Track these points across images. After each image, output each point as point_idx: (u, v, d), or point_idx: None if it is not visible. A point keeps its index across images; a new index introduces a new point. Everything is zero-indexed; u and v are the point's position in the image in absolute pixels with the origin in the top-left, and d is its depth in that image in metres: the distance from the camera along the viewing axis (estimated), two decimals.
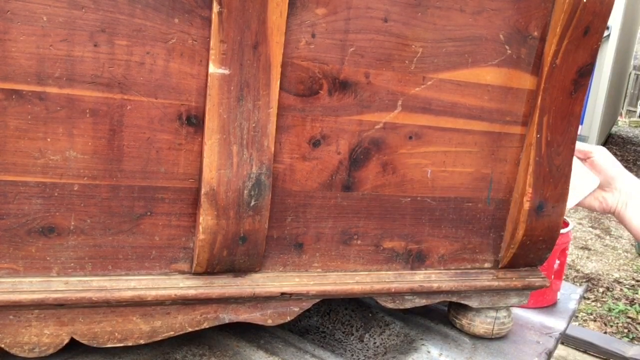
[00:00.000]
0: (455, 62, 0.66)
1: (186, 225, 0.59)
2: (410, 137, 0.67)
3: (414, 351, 0.75)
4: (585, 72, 0.71)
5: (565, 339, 2.11)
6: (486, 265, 0.77)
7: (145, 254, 0.59)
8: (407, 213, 0.69)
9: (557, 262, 1.00)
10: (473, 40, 0.66)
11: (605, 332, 2.39)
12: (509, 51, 0.68)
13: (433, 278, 0.72)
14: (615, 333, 2.41)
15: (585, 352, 2.11)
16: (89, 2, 0.50)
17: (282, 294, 0.64)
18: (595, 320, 2.51)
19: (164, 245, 0.59)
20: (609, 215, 0.95)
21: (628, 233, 3.56)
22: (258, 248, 0.61)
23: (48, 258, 0.55)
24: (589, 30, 0.68)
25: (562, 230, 0.96)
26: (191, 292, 0.60)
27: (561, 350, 2.10)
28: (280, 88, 0.58)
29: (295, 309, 0.66)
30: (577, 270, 3.06)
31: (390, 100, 0.64)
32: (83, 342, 0.58)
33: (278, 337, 0.73)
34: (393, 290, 0.69)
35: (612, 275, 3.04)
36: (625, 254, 3.40)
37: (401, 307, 0.72)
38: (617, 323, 2.49)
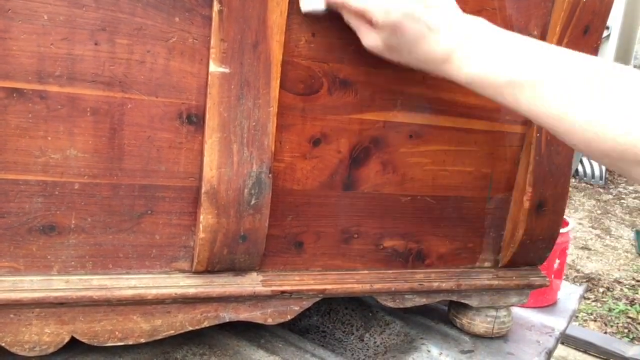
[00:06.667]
0: None
1: (186, 224, 0.59)
2: (411, 136, 0.67)
3: (414, 350, 0.75)
4: None
5: (565, 339, 2.11)
6: (486, 264, 0.77)
7: (146, 253, 0.59)
8: (407, 212, 0.69)
9: (557, 261, 1.01)
10: None
11: (606, 332, 2.39)
12: None
13: (433, 277, 0.72)
14: (616, 333, 2.41)
15: (585, 352, 2.11)
16: (90, 0, 0.50)
17: (283, 292, 0.64)
18: (595, 320, 2.51)
19: (164, 243, 0.59)
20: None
21: (628, 233, 3.56)
22: (258, 247, 0.61)
23: (49, 256, 0.55)
24: (588, 29, 0.68)
25: (562, 230, 0.96)
26: (191, 291, 0.60)
27: (561, 350, 2.10)
28: (281, 87, 0.58)
29: (296, 308, 0.66)
30: (577, 270, 3.05)
31: (391, 99, 0.64)
32: (84, 340, 0.58)
33: (278, 336, 0.73)
34: (393, 289, 0.69)
35: (612, 275, 3.04)
36: (626, 254, 3.40)
37: (401, 306, 0.72)
38: (617, 323, 2.49)
